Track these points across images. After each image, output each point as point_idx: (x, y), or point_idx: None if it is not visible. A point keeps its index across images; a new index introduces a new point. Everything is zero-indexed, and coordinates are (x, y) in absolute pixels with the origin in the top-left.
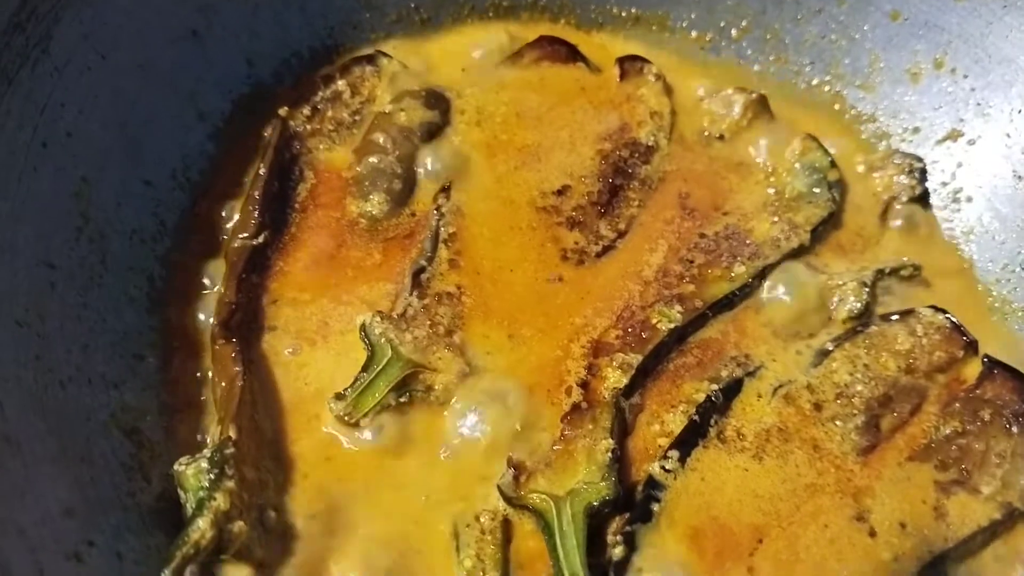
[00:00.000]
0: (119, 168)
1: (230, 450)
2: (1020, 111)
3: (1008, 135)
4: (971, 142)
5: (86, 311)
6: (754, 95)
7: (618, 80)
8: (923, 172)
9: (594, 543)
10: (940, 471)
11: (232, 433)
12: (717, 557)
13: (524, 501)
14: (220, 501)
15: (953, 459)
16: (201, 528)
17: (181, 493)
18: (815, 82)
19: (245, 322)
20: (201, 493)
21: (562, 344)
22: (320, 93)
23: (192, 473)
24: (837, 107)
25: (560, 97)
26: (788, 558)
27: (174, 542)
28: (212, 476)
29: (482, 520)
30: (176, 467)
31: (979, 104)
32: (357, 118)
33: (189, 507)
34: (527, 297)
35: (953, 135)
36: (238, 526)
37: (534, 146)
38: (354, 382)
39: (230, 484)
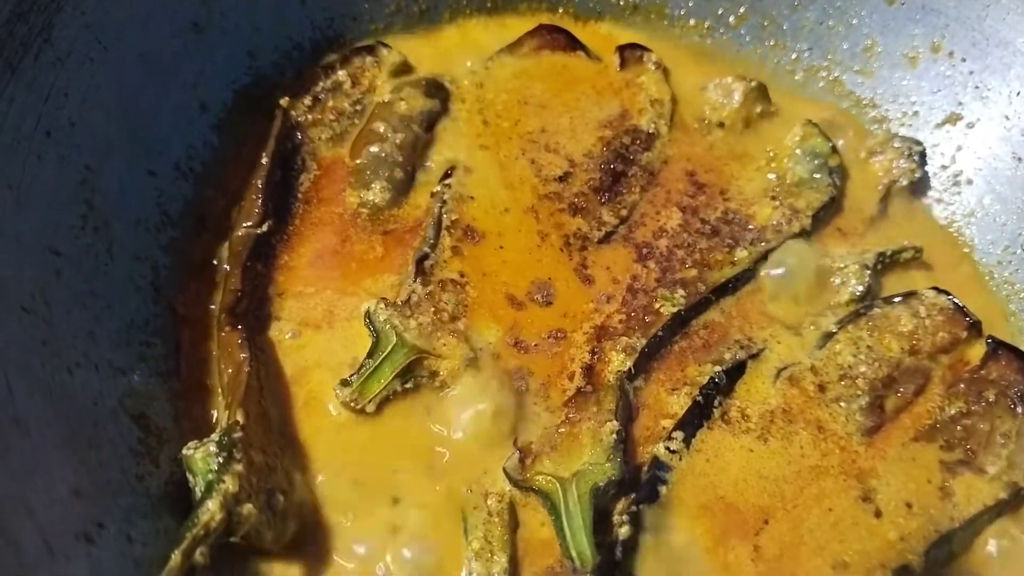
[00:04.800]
0: (123, 158)
1: (238, 434)
2: (1019, 93)
3: (1007, 117)
4: (970, 125)
5: (92, 298)
6: (753, 83)
7: (618, 68)
8: (923, 156)
9: (601, 523)
10: (945, 451)
11: (240, 418)
12: (723, 536)
13: (530, 483)
14: (229, 484)
15: (958, 439)
16: (211, 510)
17: (190, 477)
18: (813, 68)
19: (251, 310)
20: (210, 476)
21: (567, 328)
22: (321, 83)
23: (201, 457)
24: (836, 92)
25: (560, 85)
26: (793, 540)
27: (184, 524)
28: (221, 459)
29: (489, 503)
30: (184, 451)
31: (977, 87)
32: (358, 108)
33: (198, 490)
34: (530, 282)
35: (952, 118)
36: (247, 509)
37: (535, 133)
38: (359, 368)
39: (239, 467)
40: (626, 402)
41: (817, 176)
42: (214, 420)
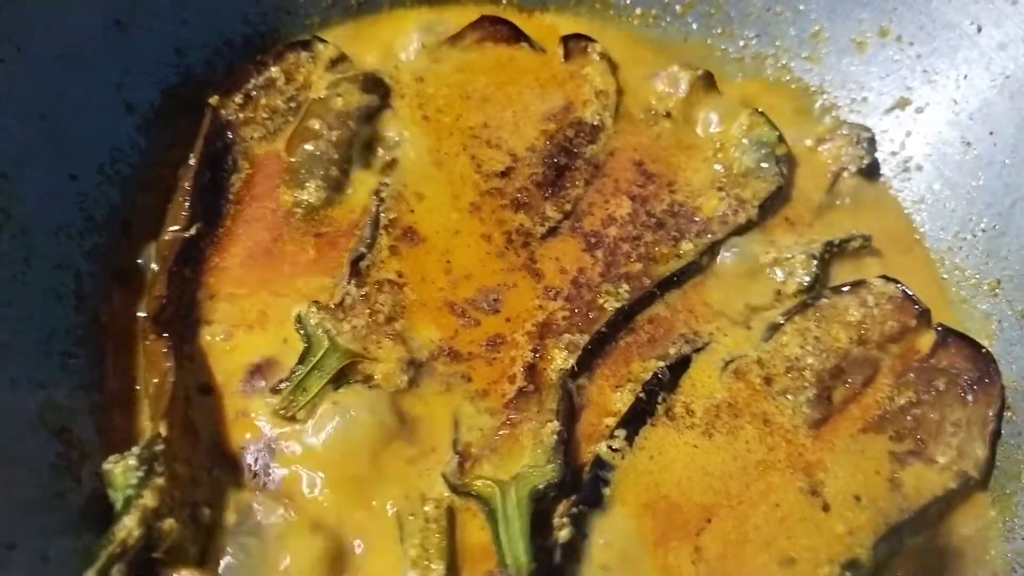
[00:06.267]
0: (42, 163)
1: (160, 447)
2: (966, 76)
3: (955, 101)
4: (919, 110)
5: (8, 309)
6: (700, 72)
7: (562, 60)
8: (871, 142)
9: (541, 526)
10: (895, 442)
11: (163, 430)
12: (663, 537)
13: (469, 488)
14: (148, 499)
15: (908, 429)
16: (128, 526)
17: (110, 492)
18: (761, 55)
19: (178, 316)
20: (129, 491)
21: (506, 327)
22: (253, 80)
23: (120, 471)
24: (784, 80)
25: (503, 78)
26: (737, 537)
27: (99, 541)
28: (141, 473)
29: (426, 509)
30: (105, 465)
31: (926, 71)
32: (292, 105)
33: (118, 506)
34: (471, 281)
35: (901, 103)
36: (168, 524)
37: (477, 127)
38: (290, 375)
39: (159, 481)
40: (568, 401)
41: (764, 165)
42: (139, 433)
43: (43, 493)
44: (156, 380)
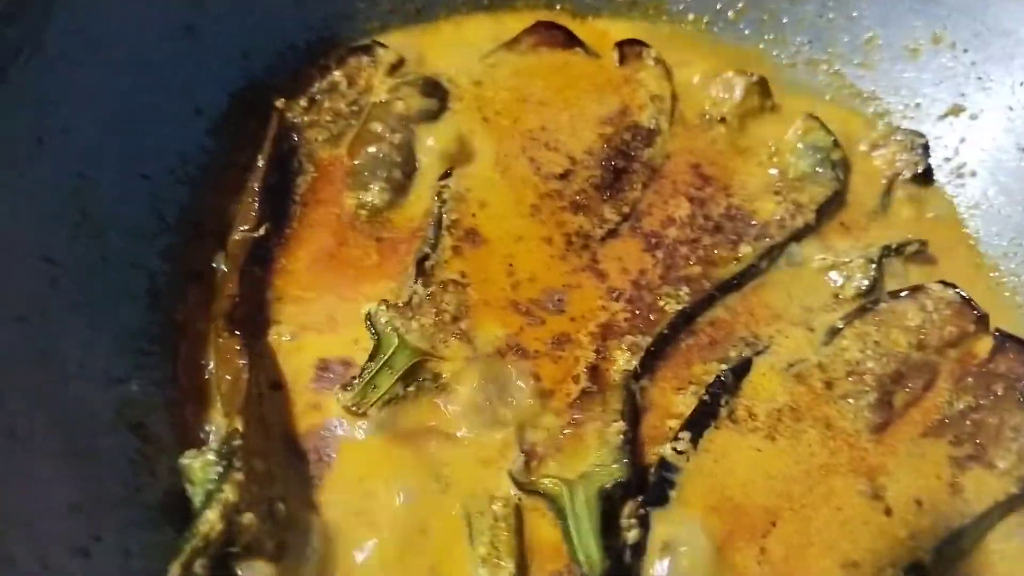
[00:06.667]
0: (116, 164)
1: (237, 442)
2: (1022, 83)
3: (1011, 108)
4: (973, 116)
5: (88, 307)
6: (754, 77)
7: (617, 64)
8: (925, 148)
9: (609, 526)
10: (955, 446)
11: (239, 425)
12: (730, 537)
13: (536, 486)
14: (229, 493)
15: (967, 434)
16: (210, 520)
17: (188, 487)
18: (814, 61)
19: (249, 315)
20: (209, 485)
21: (570, 326)
22: (317, 84)
23: (199, 466)
24: (838, 85)
25: (559, 82)
26: (800, 541)
27: (182, 535)
28: (220, 468)
29: (495, 507)
30: (183, 460)
31: (980, 78)
32: (355, 108)
33: (197, 500)
34: (533, 282)
35: (955, 110)
36: (247, 518)
37: (535, 130)
38: (361, 372)
39: (238, 476)
40: (632, 402)
41: (820, 170)
42: (213, 429)
43: (123, 488)
44: (229, 377)
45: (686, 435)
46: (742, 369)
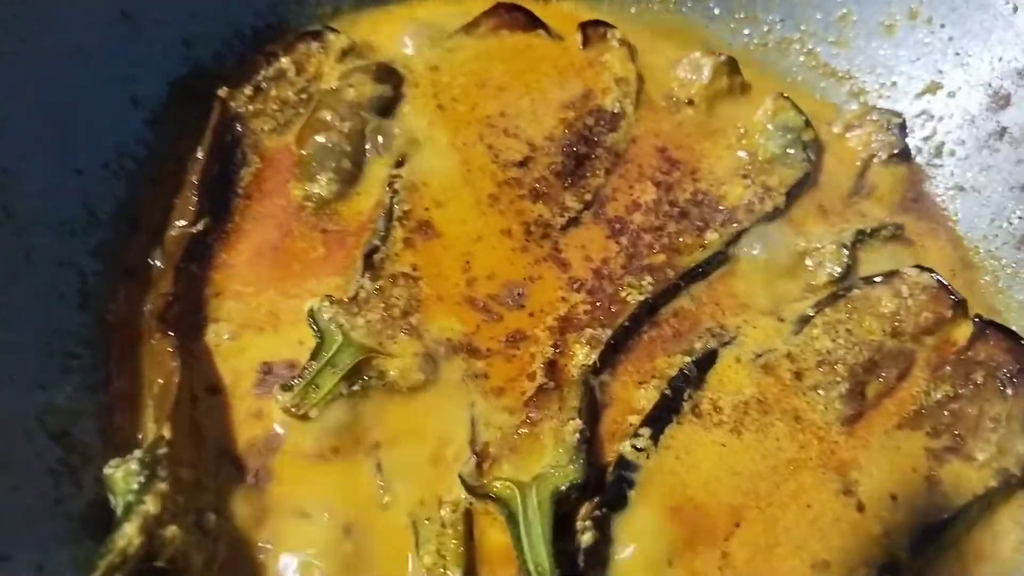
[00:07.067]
0: (46, 157)
1: (163, 450)
2: (1000, 59)
3: (989, 84)
4: (951, 94)
5: (10, 309)
6: (723, 57)
7: (581, 47)
8: (902, 128)
9: (563, 530)
10: (932, 438)
11: (166, 432)
12: (690, 542)
13: (487, 490)
14: (149, 504)
15: (945, 425)
16: (128, 534)
17: (111, 497)
18: (786, 40)
19: (185, 315)
20: (130, 497)
21: (527, 321)
22: (263, 72)
23: (121, 476)
24: (811, 64)
25: (520, 66)
26: (766, 541)
27: (97, 550)
28: (142, 478)
29: (443, 512)
30: (106, 470)
31: (958, 54)
32: (303, 97)
33: (118, 512)
34: (488, 274)
35: (932, 87)
36: (171, 531)
37: (494, 117)
38: (302, 371)
39: (162, 487)
40: (591, 398)
41: (791, 151)
42: (145, 436)
43: (41, 500)
44: (161, 380)
45: (646, 431)
46: (707, 361)
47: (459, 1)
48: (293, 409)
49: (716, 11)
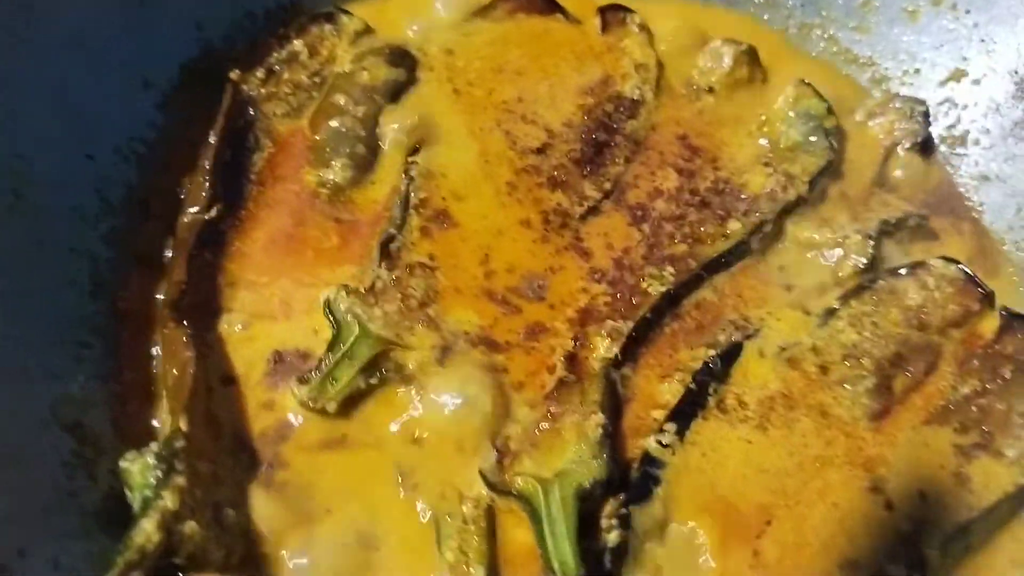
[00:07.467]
0: (56, 142)
1: (180, 443)
2: None
3: (1016, 71)
4: (976, 81)
5: (21, 297)
6: (743, 46)
7: (600, 31)
8: (926, 115)
9: (587, 528)
10: (960, 434)
11: (183, 424)
12: (722, 539)
13: (509, 486)
14: (168, 500)
15: (973, 421)
16: (146, 531)
17: (127, 492)
18: (807, 26)
19: (199, 303)
20: (147, 492)
21: (547, 313)
22: (276, 54)
23: (138, 469)
24: (832, 51)
25: (538, 50)
26: (796, 541)
27: (115, 547)
28: (160, 472)
29: (465, 509)
30: (122, 463)
31: (983, 40)
32: (316, 80)
33: (135, 507)
34: (507, 265)
35: (956, 75)
36: (189, 527)
37: (511, 102)
38: (319, 363)
39: (180, 481)
40: (613, 392)
41: (813, 139)
42: (158, 426)
43: (56, 494)
44: (175, 371)
45: (671, 427)
46: (731, 354)
47: None
48: (311, 403)
49: None
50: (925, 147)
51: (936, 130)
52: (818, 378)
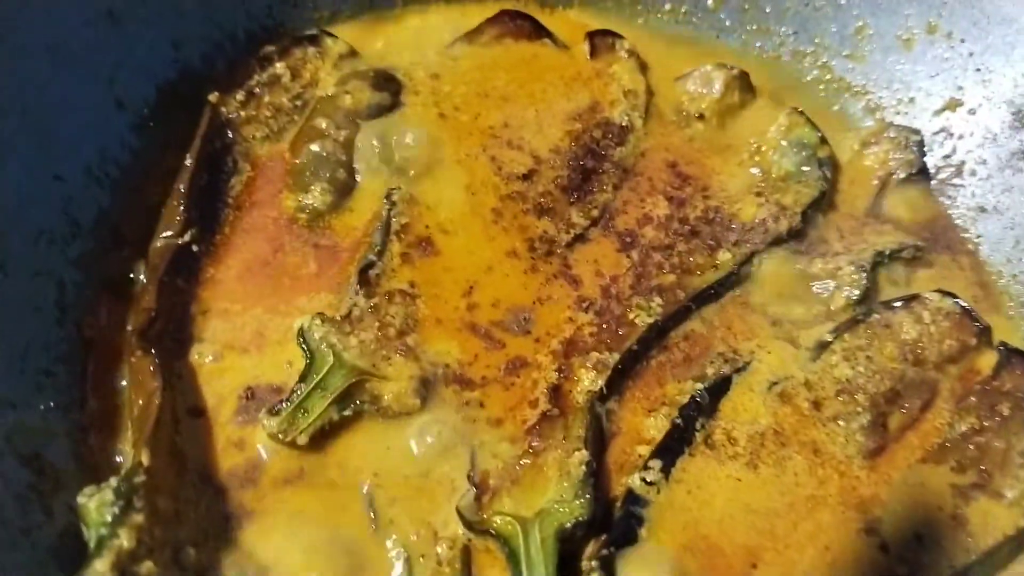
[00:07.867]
0: (23, 162)
1: (140, 478)
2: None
3: (1012, 102)
4: (972, 111)
5: None
6: (735, 71)
7: (588, 57)
8: (920, 145)
9: (567, 570)
10: (957, 474)
11: (145, 458)
12: None
13: (486, 525)
14: (124, 539)
15: (971, 459)
16: (99, 572)
17: (84, 529)
18: (800, 53)
19: (168, 332)
20: (103, 530)
21: (530, 345)
22: (256, 77)
23: (95, 506)
24: (825, 79)
25: (525, 75)
26: None
27: None
28: (117, 509)
29: (439, 550)
30: (79, 499)
31: (979, 69)
32: (298, 103)
33: (91, 546)
34: (490, 294)
35: (952, 105)
36: (146, 567)
37: (497, 128)
38: (290, 394)
39: (138, 519)
40: (597, 427)
41: (806, 169)
42: (124, 459)
43: (6, 529)
44: (141, 401)
45: (656, 463)
46: (720, 388)
47: (462, 8)
48: (280, 435)
49: (727, 23)
50: (920, 177)
51: (932, 160)
52: (811, 414)
